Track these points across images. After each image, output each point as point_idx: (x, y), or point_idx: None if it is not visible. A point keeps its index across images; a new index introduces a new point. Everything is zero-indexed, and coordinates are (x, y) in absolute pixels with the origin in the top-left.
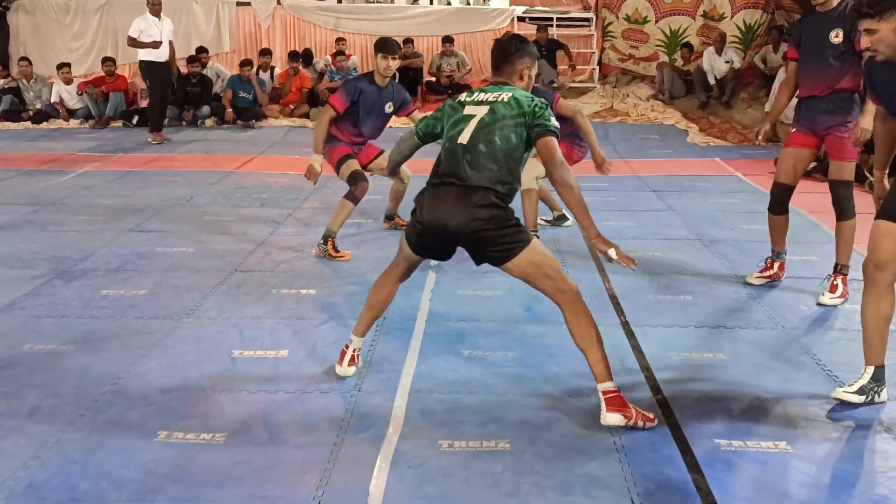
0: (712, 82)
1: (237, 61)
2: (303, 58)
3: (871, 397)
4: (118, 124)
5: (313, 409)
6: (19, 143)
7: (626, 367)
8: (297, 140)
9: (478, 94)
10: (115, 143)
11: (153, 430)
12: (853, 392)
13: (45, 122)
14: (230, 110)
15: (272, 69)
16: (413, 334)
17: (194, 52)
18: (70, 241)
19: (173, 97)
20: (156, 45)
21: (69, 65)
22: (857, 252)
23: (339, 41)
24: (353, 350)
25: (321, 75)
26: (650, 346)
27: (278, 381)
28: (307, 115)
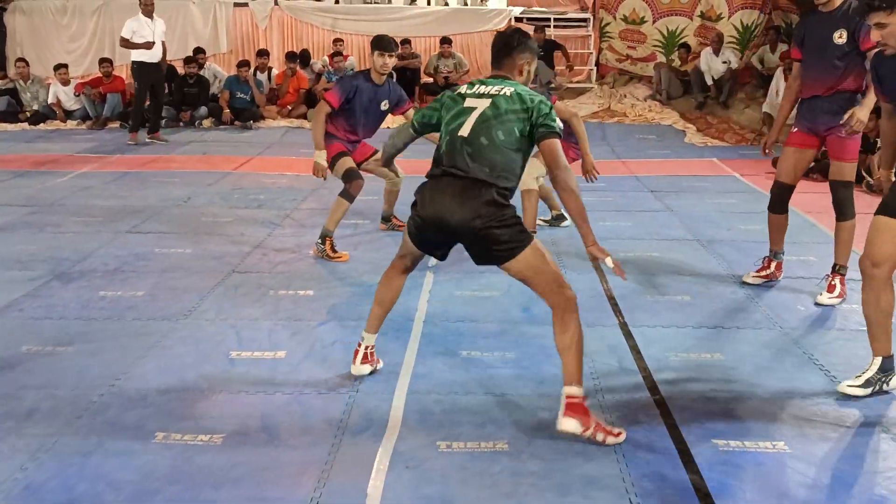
0: (710, 83)
1: (234, 62)
2: (300, 59)
3: (878, 387)
4: (115, 125)
5: (311, 410)
6: (16, 145)
7: (624, 367)
8: (294, 141)
9: (478, 86)
10: (112, 145)
11: (151, 431)
12: (859, 385)
13: (42, 124)
14: (227, 111)
15: (269, 70)
16: (411, 335)
17: (191, 52)
18: (68, 242)
19: (171, 98)
20: (148, 45)
21: (66, 66)
22: (855, 252)
23: (337, 42)
24: (366, 347)
25: (319, 76)
26: (648, 347)
27: (276, 382)
28: (305, 116)
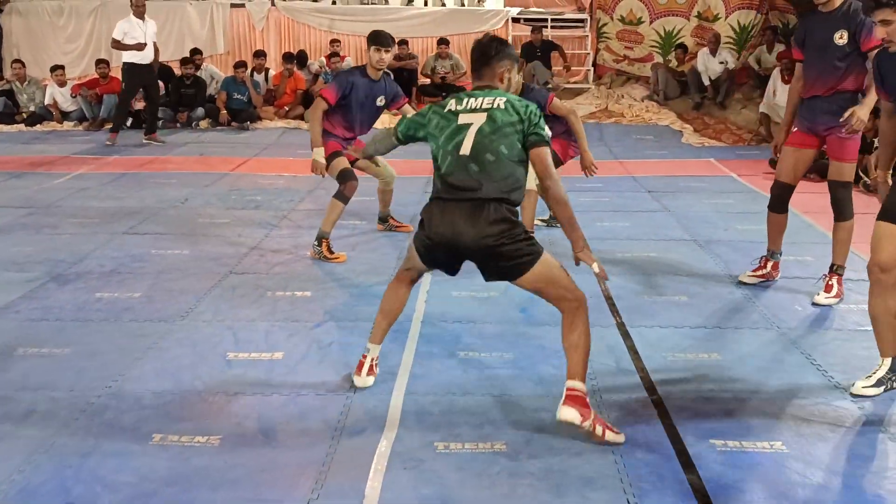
0: (707, 83)
1: (231, 63)
2: (297, 59)
3: (889, 386)
4: (111, 126)
5: (308, 412)
6: (13, 146)
7: (622, 367)
8: (291, 142)
9: (468, 100)
10: (109, 146)
11: (148, 433)
12: (871, 385)
13: (38, 125)
14: (224, 112)
15: (266, 71)
16: (408, 336)
17: (188, 53)
18: (64, 244)
19: (167, 99)
20: (140, 46)
21: (63, 67)
22: (853, 253)
23: (334, 43)
24: (372, 359)
25: (316, 77)
26: (645, 347)
27: (273, 383)
28: (302, 117)
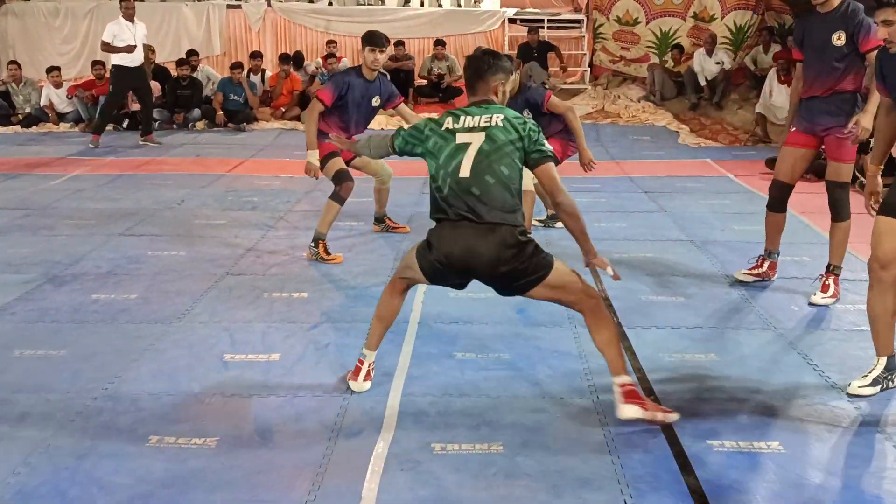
0: (703, 83)
1: (228, 64)
2: (294, 60)
3: (885, 385)
4: (108, 128)
5: (305, 413)
6: (9, 148)
7: None
8: (288, 143)
9: (465, 118)
10: (105, 147)
11: (144, 435)
12: (867, 385)
13: (34, 126)
14: (221, 113)
15: (263, 72)
16: (405, 337)
17: (185, 54)
18: (60, 245)
19: (164, 100)
20: (130, 49)
21: (59, 68)
22: (850, 253)
23: (330, 44)
24: (369, 364)
25: (312, 78)
26: (643, 348)
27: (270, 384)
28: (298, 118)
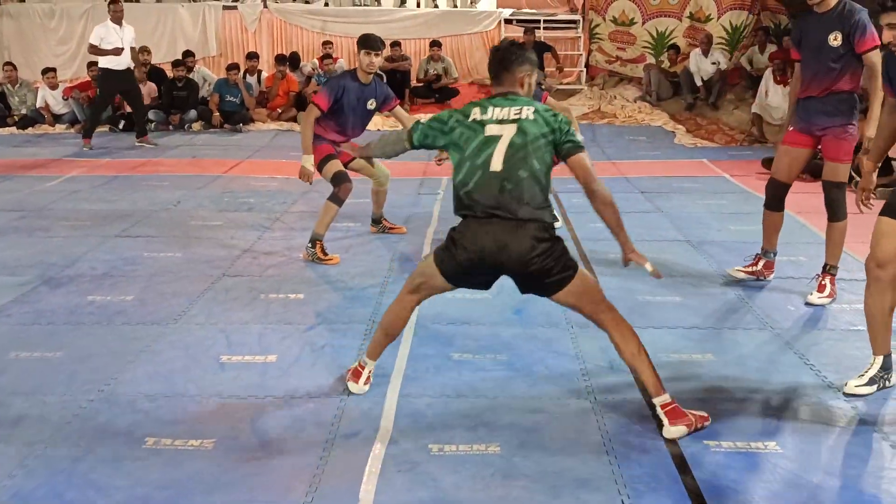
0: (699, 84)
1: (224, 65)
2: (290, 61)
3: (881, 384)
4: (104, 129)
5: (302, 415)
6: (4, 149)
7: (616, 368)
8: (284, 144)
9: (493, 109)
10: (101, 148)
11: (141, 437)
12: (864, 384)
13: (30, 128)
14: (217, 114)
15: (259, 73)
16: (402, 338)
17: (181, 55)
18: (56, 247)
19: (160, 101)
20: (117, 51)
21: (54, 70)
22: (846, 253)
23: (326, 44)
24: (369, 371)
25: (308, 79)
26: None
27: (267, 386)
28: (294, 119)
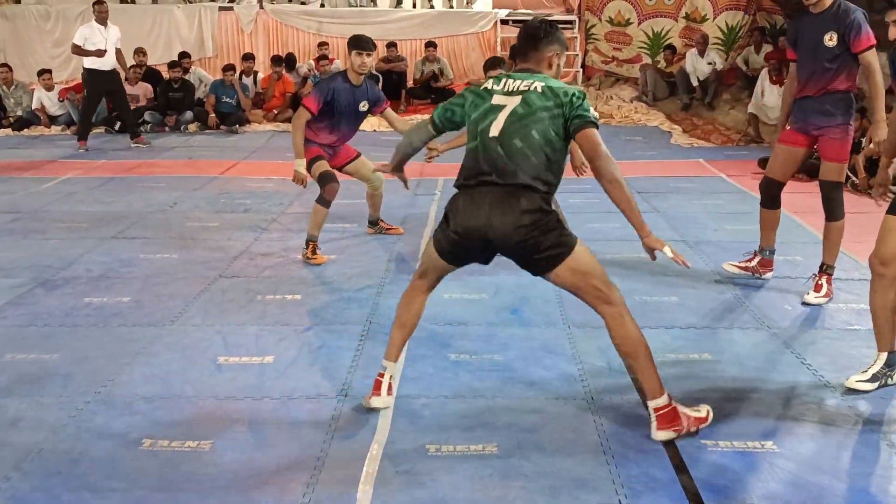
0: (695, 84)
1: (220, 66)
2: (286, 62)
3: (884, 381)
4: (100, 131)
5: (299, 416)
6: (0, 151)
7: (613, 368)
8: (280, 145)
9: (506, 80)
10: (96, 150)
11: (137, 438)
12: (866, 380)
13: (26, 129)
14: (213, 115)
15: (255, 74)
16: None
17: (176, 57)
18: (52, 249)
19: (156, 102)
20: (100, 53)
21: (50, 71)
22: (843, 252)
23: (322, 45)
24: (389, 377)
25: (305, 80)
26: None
27: (264, 387)
28: (290, 121)
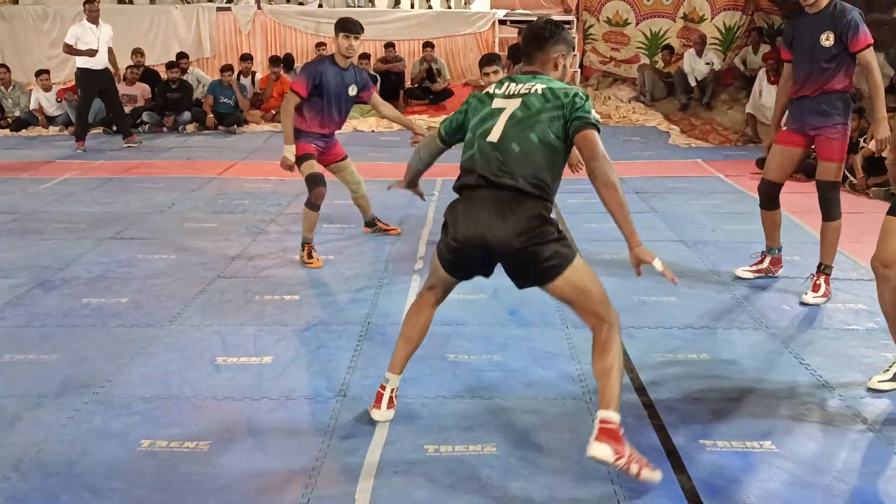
0: (693, 84)
1: (218, 67)
2: (284, 63)
3: None
4: (98, 131)
5: (298, 416)
6: None
7: None
8: (278, 145)
9: (508, 84)
10: (95, 150)
11: (136, 439)
12: (888, 380)
13: (23, 130)
14: (211, 116)
15: (253, 74)
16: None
17: (174, 57)
18: (50, 249)
19: (154, 103)
20: (91, 52)
21: (48, 72)
22: (840, 252)
23: (320, 46)
24: (391, 390)
25: None
26: (635, 348)
27: (262, 388)
28: None
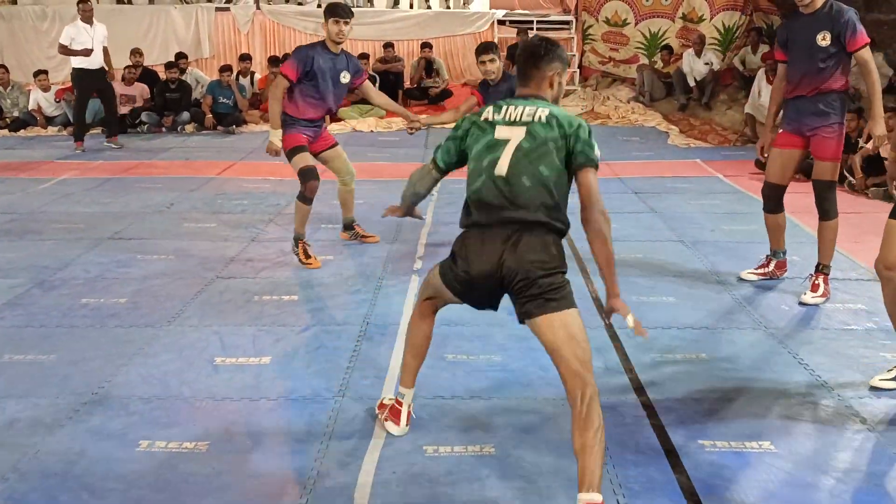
0: (692, 84)
1: (217, 67)
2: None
3: None
4: (97, 131)
5: (296, 416)
6: None
7: (611, 369)
8: None
9: (508, 109)
10: (93, 150)
11: (135, 439)
12: (891, 378)
13: (22, 130)
14: (210, 116)
15: (252, 74)
16: (397, 339)
17: (173, 57)
18: (48, 249)
19: (153, 103)
20: (86, 52)
21: (46, 72)
22: (838, 252)
23: None
24: (408, 405)
25: None
26: (634, 349)
27: (261, 388)
28: None
